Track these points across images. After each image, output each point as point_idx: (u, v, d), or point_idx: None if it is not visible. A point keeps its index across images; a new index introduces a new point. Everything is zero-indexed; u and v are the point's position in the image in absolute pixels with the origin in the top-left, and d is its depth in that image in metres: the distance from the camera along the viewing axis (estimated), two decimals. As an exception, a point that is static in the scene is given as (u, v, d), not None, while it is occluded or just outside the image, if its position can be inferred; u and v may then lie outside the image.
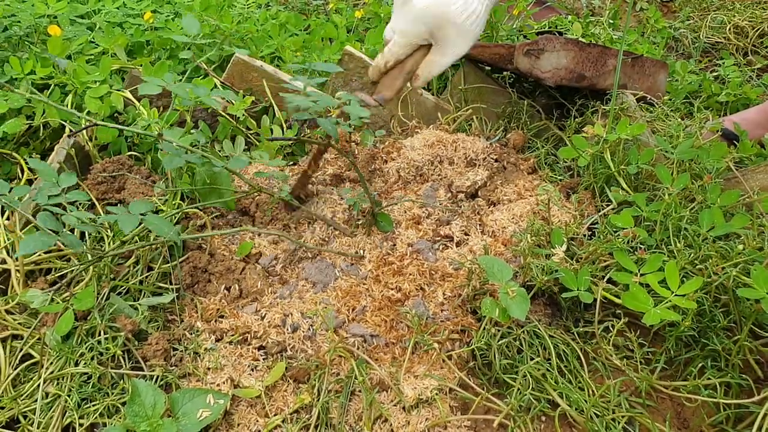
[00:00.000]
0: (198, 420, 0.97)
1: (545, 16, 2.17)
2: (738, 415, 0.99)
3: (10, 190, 1.07)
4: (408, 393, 1.03)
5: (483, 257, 1.09)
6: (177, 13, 1.87)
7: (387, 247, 1.25)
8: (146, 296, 1.18)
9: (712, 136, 1.41)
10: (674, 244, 1.10)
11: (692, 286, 0.95)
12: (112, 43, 1.57)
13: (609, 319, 1.08)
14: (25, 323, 1.15)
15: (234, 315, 1.16)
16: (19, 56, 1.49)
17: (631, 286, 0.99)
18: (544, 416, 1.01)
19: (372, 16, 2.12)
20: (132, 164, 1.38)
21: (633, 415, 0.98)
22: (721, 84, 1.92)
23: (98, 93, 1.43)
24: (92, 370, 1.06)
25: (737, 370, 1.00)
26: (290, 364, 1.08)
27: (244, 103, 1.48)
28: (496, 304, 1.02)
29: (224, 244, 1.28)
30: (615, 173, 1.29)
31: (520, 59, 1.51)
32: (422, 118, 1.61)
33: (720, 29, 2.25)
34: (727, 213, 1.18)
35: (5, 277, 1.20)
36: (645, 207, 1.18)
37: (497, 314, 1.01)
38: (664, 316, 0.93)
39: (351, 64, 1.62)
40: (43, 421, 1.03)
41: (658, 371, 1.04)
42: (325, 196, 1.38)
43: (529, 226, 1.22)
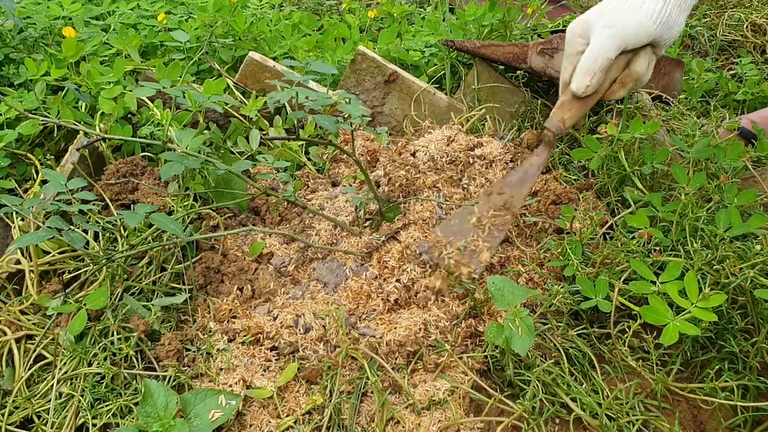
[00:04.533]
0: (210, 421, 0.97)
1: (559, 14, 2.16)
2: (756, 418, 0.97)
3: (21, 203, 1.08)
4: (420, 395, 1.02)
5: (493, 277, 1.04)
6: (191, 14, 1.88)
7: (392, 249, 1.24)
8: (159, 297, 1.18)
9: (729, 135, 1.39)
10: (691, 244, 1.08)
11: (716, 301, 0.93)
12: (125, 44, 1.58)
13: (625, 320, 1.07)
14: (39, 323, 1.15)
15: (246, 315, 1.16)
16: (35, 58, 1.51)
17: (650, 298, 0.97)
18: (557, 419, 1.00)
19: (385, 15, 2.11)
20: (145, 165, 1.38)
21: (648, 417, 0.97)
22: (739, 82, 1.90)
23: (112, 94, 1.43)
24: (105, 371, 1.06)
25: (755, 372, 0.99)
26: (302, 365, 1.08)
27: (256, 104, 1.48)
28: (502, 331, 0.97)
29: (237, 244, 1.28)
30: (630, 173, 1.27)
31: (534, 58, 1.50)
32: (435, 118, 1.60)
33: (737, 27, 2.22)
34: (744, 213, 1.16)
35: (19, 277, 1.21)
36: (661, 207, 1.17)
37: (502, 342, 0.97)
38: (683, 329, 0.91)
39: (364, 65, 1.61)
40: (56, 421, 1.03)
41: (674, 373, 1.02)
42: (330, 195, 1.38)
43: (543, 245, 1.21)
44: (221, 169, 1.13)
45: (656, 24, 1.12)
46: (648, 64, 1.19)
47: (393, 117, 1.63)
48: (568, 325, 1.10)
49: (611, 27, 1.14)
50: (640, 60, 1.18)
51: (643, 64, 1.18)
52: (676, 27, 1.15)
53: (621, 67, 1.18)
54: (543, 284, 1.18)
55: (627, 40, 1.14)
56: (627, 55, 1.19)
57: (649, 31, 1.13)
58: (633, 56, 1.18)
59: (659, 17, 1.11)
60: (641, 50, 1.18)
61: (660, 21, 1.12)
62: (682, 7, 1.13)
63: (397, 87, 1.62)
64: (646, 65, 1.19)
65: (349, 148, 1.25)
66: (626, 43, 1.14)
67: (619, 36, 1.13)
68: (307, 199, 1.40)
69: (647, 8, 1.12)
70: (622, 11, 1.13)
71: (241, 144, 1.45)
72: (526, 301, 1.01)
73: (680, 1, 1.12)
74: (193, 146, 1.17)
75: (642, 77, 1.19)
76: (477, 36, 1.78)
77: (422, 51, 1.79)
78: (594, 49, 1.15)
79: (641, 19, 1.12)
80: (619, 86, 1.19)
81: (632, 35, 1.13)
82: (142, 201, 1.30)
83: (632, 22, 1.12)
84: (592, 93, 1.18)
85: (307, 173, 1.48)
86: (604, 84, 1.17)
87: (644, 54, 1.18)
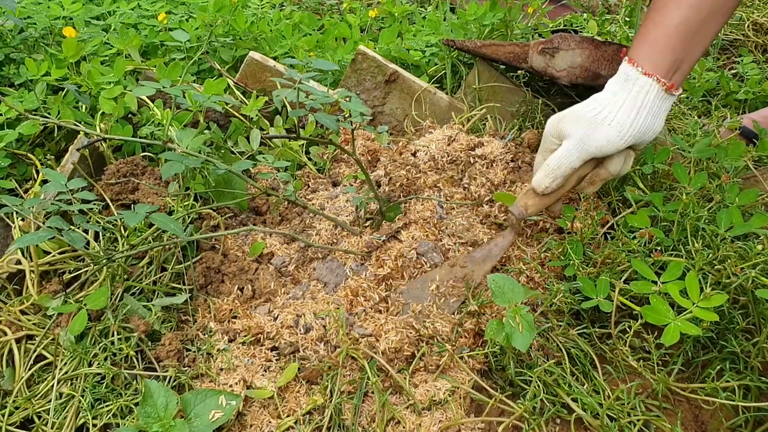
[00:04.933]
0: (210, 421, 0.97)
1: (560, 14, 2.15)
2: (757, 418, 0.97)
3: (21, 204, 1.08)
4: (420, 395, 1.02)
5: (494, 275, 1.04)
6: (191, 14, 1.88)
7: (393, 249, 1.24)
8: (159, 297, 1.18)
9: (730, 135, 1.39)
10: (692, 244, 1.08)
11: (717, 301, 0.93)
12: (126, 44, 1.58)
13: (626, 320, 1.07)
14: (39, 324, 1.15)
15: (247, 315, 1.16)
16: (35, 58, 1.50)
17: (651, 298, 0.97)
18: (558, 419, 1.00)
19: (386, 15, 2.11)
20: (146, 165, 1.38)
21: (649, 418, 0.97)
22: (740, 81, 1.90)
23: (112, 94, 1.43)
24: (106, 371, 1.06)
25: (756, 372, 0.99)
26: (303, 365, 1.08)
27: (257, 104, 1.47)
28: (503, 329, 0.97)
29: (237, 244, 1.28)
30: (631, 173, 1.27)
31: (535, 58, 1.49)
32: (436, 118, 1.60)
33: (738, 26, 2.22)
34: (745, 213, 1.16)
35: (20, 277, 1.21)
36: (662, 207, 1.16)
37: (502, 339, 0.96)
38: (685, 329, 0.91)
39: (364, 64, 1.61)
40: (57, 421, 1.03)
41: (675, 373, 1.02)
42: (330, 195, 1.38)
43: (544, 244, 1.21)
44: (222, 169, 1.13)
45: (625, 139, 1.06)
46: (623, 162, 1.13)
47: (393, 117, 1.63)
48: (569, 324, 1.10)
49: (578, 139, 1.08)
50: (613, 162, 1.11)
51: (617, 165, 1.12)
52: (651, 132, 1.09)
53: (590, 166, 1.12)
54: (544, 284, 1.18)
55: (593, 153, 1.08)
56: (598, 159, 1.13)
57: (616, 146, 1.07)
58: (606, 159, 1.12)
59: (629, 131, 1.06)
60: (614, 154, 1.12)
61: (630, 135, 1.06)
62: (657, 111, 1.08)
63: (398, 87, 1.61)
64: (620, 165, 1.12)
65: (350, 148, 1.24)
66: (592, 155, 1.09)
67: (585, 150, 1.08)
68: (308, 198, 1.40)
69: (617, 123, 1.06)
70: (593, 123, 1.08)
71: (241, 144, 1.45)
72: (527, 300, 1.01)
73: (655, 108, 1.07)
74: (193, 146, 1.17)
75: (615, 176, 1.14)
76: (478, 35, 1.77)
77: (423, 51, 1.79)
78: (558, 156, 1.10)
79: (609, 136, 1.06)
80: (587, 184, 1.14)
81: (598, 150, 1.08)
82: (142, 201, 1.30)
83: (599, 137, 1.07)
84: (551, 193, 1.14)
85: (307, 173, 1.48)
86: (568, 184, 1.13)
87: (618, 156, 1.11)
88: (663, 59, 1.06)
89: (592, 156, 1.09)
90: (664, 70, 1.05)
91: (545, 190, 1.13)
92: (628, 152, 1.12)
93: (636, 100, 1.06)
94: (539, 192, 1.14)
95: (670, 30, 1.06)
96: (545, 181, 1.12)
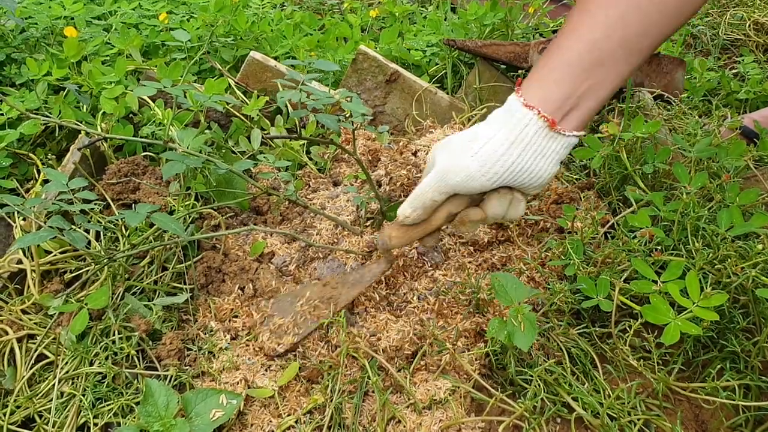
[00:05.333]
0: (211, 420, 0.97)
1: (561, 13, 2.15)
2: (757, 417, 0.97)
3: (22, 203, 1.08)
4: (421, 394, 1.02)
5: (497, 273, 1.03)
6: (192, 14, 1.88)
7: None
8: (161, 296, 1.18)
9: (730, 134, 1.39)
10: (692, 244, 1.08)
11: (717, 300, 0.93)
12: (127, 44, 1.58)
13: (626, 319, 1.07)
14: (40, 323, 1.15)
15: (248, 314, 1.16)
16: (36, 58, 1.51)
17: (652, 297, 0.97)
18: (559, 418, 1.00)
19: (387, 15, 2.11)
20: (147, 165, 1.38)
21: (650, 417, 0.97)
22: (741, 81, 1.90)
23: (113, 94, 1.43)
24: (107, 370, 1.06)
25: (757, 371, 0.99)
26: (304, 365, 1.08)
27: (258, 104, 1.48)
28: (504, 327, 0.96)
29: (238, 244, 1.28)
30: (632, 172, 1.27)
31: (536, 57, 1.50)
32: (437, 118, 1.60)
33: (739, 26, 2.22)
34: (746, 212, 1.16)
35: (21, 277, 1.21)
36: (662, 206, 1.17)
37: (504, 338, 0.95)
38: (685, 329, 0.91)
39: (365, 64, 1.61)
40: (58, 420, 1.03)
41: (675, 372, 1.02)
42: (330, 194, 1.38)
43: (544, 244, 1.21)
44: (222, 169, 1.13)
45: (488, 176, 0.92)
46: (507, 206, 0.98)
47: (394, 116, 1.63)
48: (569, 324, 1.10)
49: (440, 169, 0.96)
50: (491, 204, 0.98)
51: (495, 208, 0.98)
52: (531, 174, 0.93)
53: (462, 203, 1.01)
54: (544, 283, 1.18)
55: (453, 186, 0.95)
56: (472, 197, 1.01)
57: (479, 182, 0.93)
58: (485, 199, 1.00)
59: (494, 168, 0.91)
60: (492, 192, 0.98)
61: (495, 172, 0.92)
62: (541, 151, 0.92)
63: (399, 86, 1.62)
64: (500, 209, 0.98)
65: (351, 148, 1.25)
66: (453, 189, 0.96)
67: (444, 182, 0.95)
68: (308, 198, 1.40)
69: (480, 156, 0.92)
70: (457, 154, 0.94)
71: (242, 143, 1.45)
72: (528, 299, 1.01)
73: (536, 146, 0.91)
74: (194, 146, 1.17)
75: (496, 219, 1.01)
76: (478, 35, 1.78)
77: (424, 50, 1.79)
78: (421, 185, 0.99)
79: (470, 170, 0.92)
80: (458, 223, 1.02)
81: (458, 185, 0.94)
82: (143, 200, 1.30)
83: (459, 170, 0.93)
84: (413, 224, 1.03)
85: (308, 173, 1.48)
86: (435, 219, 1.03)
87: (495, 197, 0.98)
88: (555, 91, 0.90)
89: (454, 190, 0.96)
90: (553, 106, 0.90)
91: (405, 220, 1.02)
92: (514, 195, 0.98)
93: (510, 134, 0.91)
94: (400, 221, 1.03)
95: (573, 57, 0.90)
96: (406, 210, 1.01)
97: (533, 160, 0.92)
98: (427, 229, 1.05)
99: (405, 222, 1.03)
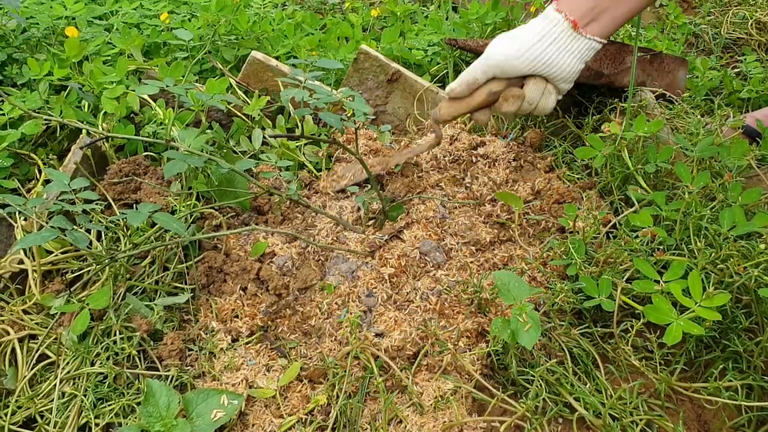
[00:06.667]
0: (212, 420, 0.97)
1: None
2: (760, 417, 0.97)
3: (24, 203, 1.08)
4: (423, 394, 1.02)
5: (499, 272, 1.05)
6: (193, 14, 1.88)
7: (396, 248, 1.24)
8: (162, 296, 1.18)
9: (733, 133, 1.39)
10: (694, 243, 1.08)
11: (720, 300, 0.93)
12: (128, 44, 1.58)
13: (628, 319, 1.06)
14: (42, 323, 1.15)
15: (249, 315, 1.16)
16: (38, 58, 1.51)
17: (654, 297, 0.97)
18: (560, 418, 1.00)
19: (388, 14, 2.11)
20: (148, 164, 1.38)
21: (652, 417, 0.96)
22: (743, 80, 1.89)
23: (115, 93, 1.43)
24: (108, 370, 1.06)
25: (759, 372, 0.98)
26: (305, 365, 1.08)
27: (259, 103, 1.47)
28: (508, 326, 0.98)
29: (240, 244, 1.28)
30: (633, 172, 1.27)
31: (537, 57, 1.49)
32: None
33: (741, 25, 2.21)
34: (748, 212, 1.15)
35: (23, 277, 1.21)
36: (664, 206, 1.16)
37: (508, 336, 0.97)
38: (687, 329, 0.91)
39: (366, 63, 1.61)
40: (59, 420, 1.03)
41: (677, 373, 1.02)
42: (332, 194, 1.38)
43: (546, 244, 1.21)
44: (224, 168, 1.13)
45: (522, 59, 1.16)
46: (540, 92, 1.21)
47: (396, 116, 1.63)
48: (571, 324, 1.10)
49: (485, 54, 1.19)
50: (529, 86, 1.20)
51: (532, 91, 1.20)
52: (557, 66, 1.17)
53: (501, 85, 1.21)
54: (546, 283, 1.17)
55: (493, 66, 1.18)
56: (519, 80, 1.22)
57: (514, 65, 1.17)
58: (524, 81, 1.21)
59: (527, 54, 1.15)
60: (530, 78, 1.20)
61: (528, 57, 1.16)
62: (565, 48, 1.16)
63: (400, 86, 1.61)
64: (536, 94, 1.20)
65: (353, 147, 1.24)
66: (493, 71, 1.19)
67: (486, 63, 1.19)
68: (308, 198, 1.40)
69: (518, 43, 1.16)
70: (502, 41, 1.18)
71: (243, 143, 1.45)
72: (530, 299, 1.01)
73: (562, 43, 1.15)
74: (195, 145, 1.17)
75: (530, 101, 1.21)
76: (480, 35, 1.77)
77: (425, 50, 1.79)
78: (470, 66, 1.22)
79: (508, 51, 1.16)
80: (502, 101, 1.22)
81: (497, 66, 1.18)
82: (144, 200, 1.30)
83: (500, 51, 1.17)
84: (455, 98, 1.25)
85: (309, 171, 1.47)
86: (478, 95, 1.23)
87: (533, 82, 1.20)
88: (582, 4, 1.14)
89: (494, 70, 1.19)
90: (578, 13, 1.14)
91: (450, 93, 1.24)
92: (545, 86, 1.20)
93: (543, 30, 1.15)
94: (446, 94, 1.26)
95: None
96: (453, 85, 1.23)
97: (559, 53, 1.16)
98: (470, 103, 1.24)
99: (450, 95, 1.25)
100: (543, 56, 1.16)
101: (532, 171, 1.41)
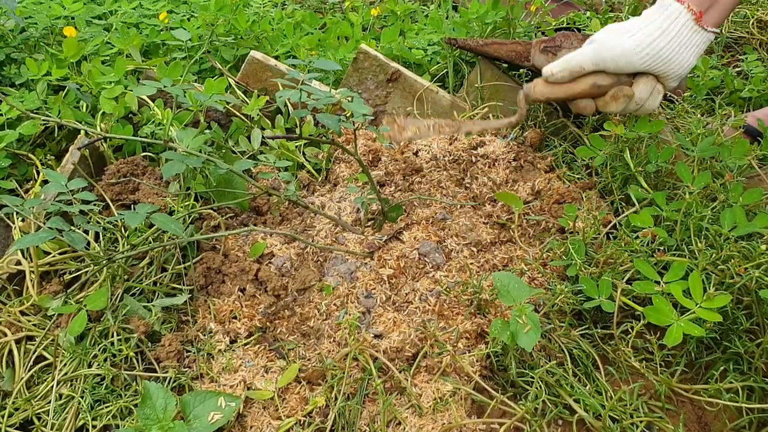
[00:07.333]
0: (209, 422, 0.96)
1: (563, 12, 2.14)
2: (761, 419, 0.96)
3: (21, 204, 1.08)
4: (422, 396, 1.01)
5: (499, 273, 1.05)
6: (193, 13, 1.87)
7: (395, 249, 1.23)
8: (160, 297, 1.18)
9: (734, 133, 1.38)
10: (695, 244, 1.07)
11: (720, 301, 0.92)
12: (127, 43, 1.58)
13: (628, 320, 1.06)
14: (39, 324, 1.15)
15: (247, 316, 1.15)
16: (36, 58, 1.50)
17: (654, 299, 0.96)
18: (560, 420, 0.99)
19: (388, 13, 2.11)
20: (146, 165, 1.38)
21: (652, 419, 0.96)
22: (744, 79, 1.88)
23: (113, 93, 1.43)
24: (105, 372, 1.06)
25: (760, 373, 0.98)
26: (304, 366, 1.07)
27: (258, 103, 1.47)
28: (507, 327, 0.98)
29: (238, 245, 1.28)
30: (635, 172, 1.26)
31: (537, 56, 1.48)
32: (438, 117, 1.59)
33: (743, 24, 2.20)
34: (749, 212, 1.15)
35: (20, 278, 1.21)
36: (665, 206, 1.16)
37: (507, 338, 0.96)
38: (688, 330, 0.91)
39: (366, 63, 1.61)
40: (56, 422, 1.03)
41: (678, 374, 1.01)
42: (331, 194, 1.38)
43: (546, 244, 1.20)
44: (222, 169, 1.12)
45: (640, 55, 1.12)
46: (650, 92, 1.18)
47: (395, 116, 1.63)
48: (570, 325, 1.09)
49: (598, 42, 1.16)
50: (639, 85, 1.17)
51: (642, 89, 1.17)
52: (675, 62, 1.13)
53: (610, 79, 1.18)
54: (546, 284, 1.17)
55: (606, 59, 1.15)
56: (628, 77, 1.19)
57: (631, 61, 1.13)
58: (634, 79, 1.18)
59: (647, 49, 1.11)
60: (641, 76, 1.17)
61: (647, 53, 1.11)
62: (685, 42, 1.11)
63: (400, 86, 1.61)
64: (646, 92, 1.17)
65: (352, 148, 1.24)
66: (605, 64, 1.15)
67: (599, 53, 1.15)
68: (308, 199, 1.39)
69: (637, 37, 1.12)
70: (616, 32, 1.14)
71: (242, 143, 1.44)
72: (530, 300, 1.00)
73: (682, 37, 1.11)
74: (194, 146, 1.17)
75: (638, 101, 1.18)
76: (480, 34, 1.76)
77: (425, 49, 1.78)
78: (575, 52, 1.18)
79: (625, 46, 1.12)
80: (610, 98, 1.19)
81: (611, 60, 1.14)
82: (143, 201, 1.30)
83: (616, 45, 1.13)
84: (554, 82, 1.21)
85: (308, 172, 1.47)
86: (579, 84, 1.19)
87: (644, 81, 1.17)
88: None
89: (605, 62, 1.14)
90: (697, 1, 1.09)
91: (549, 77, 1.20)
92: (655, 85, 1.16)
93: (663, 23, 1.10)
94: (545, 76, 1.21)
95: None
96: (554, 68, 1.19)
97: (678, 49, 1.11)
98: (569, 91, 1.20)
99: (548, 79, 1.20)
100: (663, 53, 1.11)
101: (532, 171, 1.40)
